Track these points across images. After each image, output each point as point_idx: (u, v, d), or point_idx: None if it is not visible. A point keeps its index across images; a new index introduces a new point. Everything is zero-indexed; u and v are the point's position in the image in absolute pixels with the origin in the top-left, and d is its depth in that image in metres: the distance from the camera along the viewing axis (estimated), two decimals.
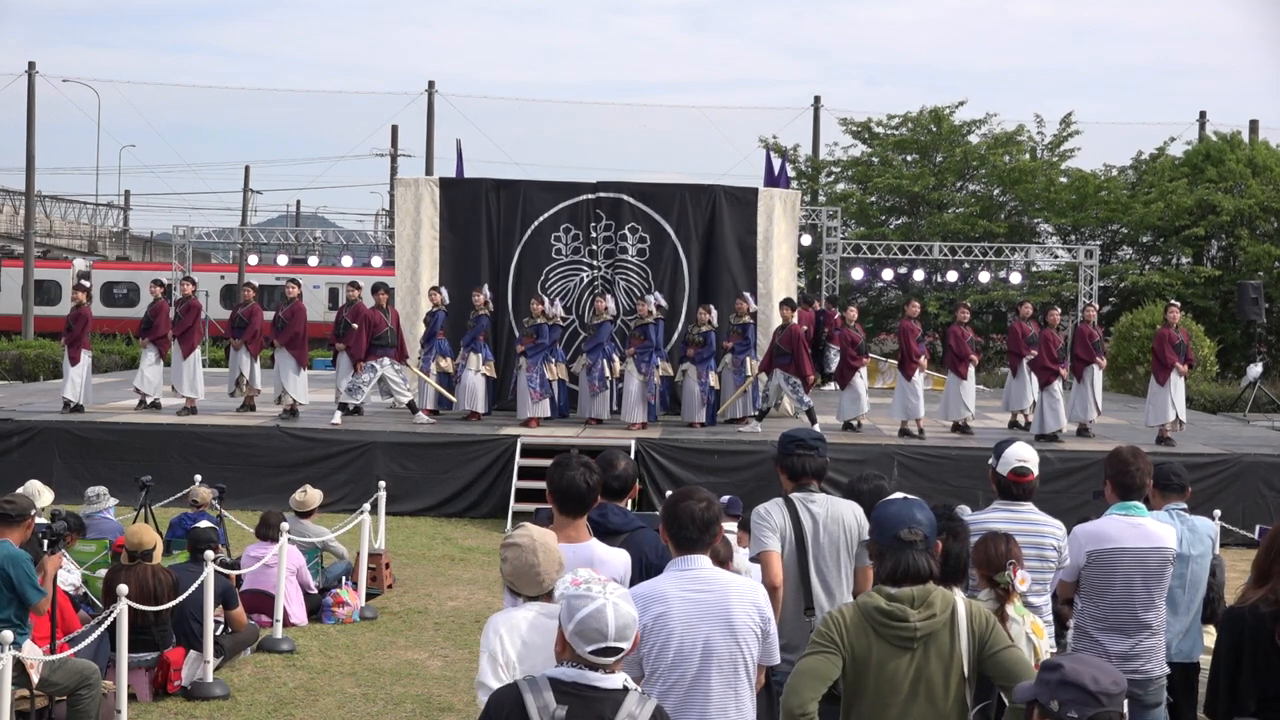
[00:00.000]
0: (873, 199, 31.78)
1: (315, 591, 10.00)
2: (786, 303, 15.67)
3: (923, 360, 15.50)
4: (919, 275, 26.24)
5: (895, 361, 17.69)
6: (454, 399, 15.77)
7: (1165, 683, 5.51)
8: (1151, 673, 5.41)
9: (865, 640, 3.83)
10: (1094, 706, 3.19)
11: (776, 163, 21.44)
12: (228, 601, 8.44)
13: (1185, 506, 6.13)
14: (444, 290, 16.11)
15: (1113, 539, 5.32)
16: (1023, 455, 5.38)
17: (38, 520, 7.77)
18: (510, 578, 4.07)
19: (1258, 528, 11.34)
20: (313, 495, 10.55)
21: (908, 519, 3.94)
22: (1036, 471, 5.38)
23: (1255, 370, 21.55)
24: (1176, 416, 15.07)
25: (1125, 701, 3.31)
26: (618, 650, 3.29)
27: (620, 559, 4.75)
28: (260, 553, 9.53)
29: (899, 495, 4.42)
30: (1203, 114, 34.37)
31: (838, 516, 5.24)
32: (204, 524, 8.99)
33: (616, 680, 3.31)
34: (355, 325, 15.63)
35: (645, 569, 4.77)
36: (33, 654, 6.61)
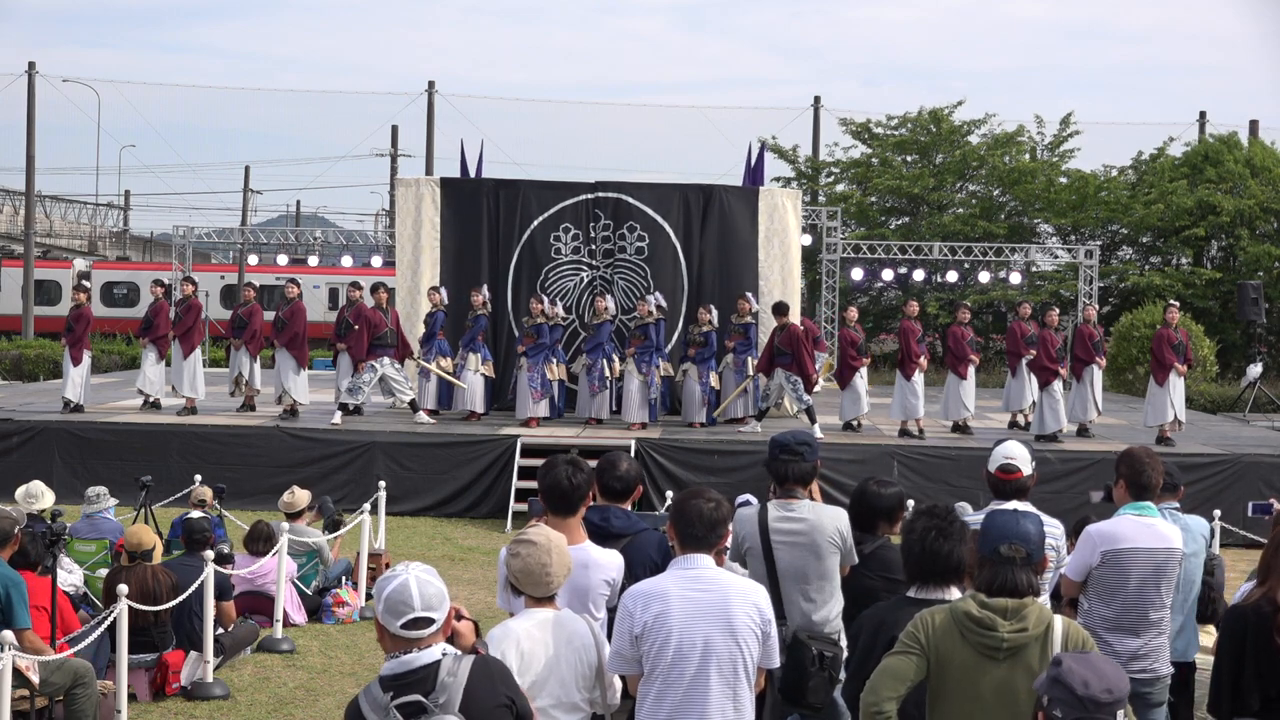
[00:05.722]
0: (873, 200, 31.76)
1: (311, 593, 10.00)
2: (777, 308, 15.41)
3: (923, 361, 15.51)
4: (919, 275, 26.19)
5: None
6: (463, 385, 15.68)
7: (1169, 681, 5.53)
8: (1159, 671, 5.45)
9: (951, 644, 3.82)
10: (1078, 710, 3.16)
11: (756, 157, 21.04)
12: (221, 593, 8.40)
13: (1178, 505, 6.15)
14: (444, 290, 16.12)
15: (1127, 539, 5.33)
16: (1010, 453, 5.34)
17: (38, 520, 7.79)
18: (518, 574, 4.05)
19: (1250, 505, 11.33)
20: (300, 496, 10.36)
21: (1011, 534, 3.89)
22: (1028, 470, 5.32)
23: (1255, 370, 21.53)
24: (1175, 417, 15.09)
25: (1120, 712, 3.26)
26: (428, 620, 3.40)
27: (614, 561, 4.75)
28: (247, 567, 9.41)
29: (1010, 507, 4.35)
30: (1202, 114, 34.30)
31: (816, 524, 5.21)
32: (195, 514, 8.96)
33: (434, 653, 3.42)
34: (356, 325, 15.65)
35: (651, 569, 4.74)
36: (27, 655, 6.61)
